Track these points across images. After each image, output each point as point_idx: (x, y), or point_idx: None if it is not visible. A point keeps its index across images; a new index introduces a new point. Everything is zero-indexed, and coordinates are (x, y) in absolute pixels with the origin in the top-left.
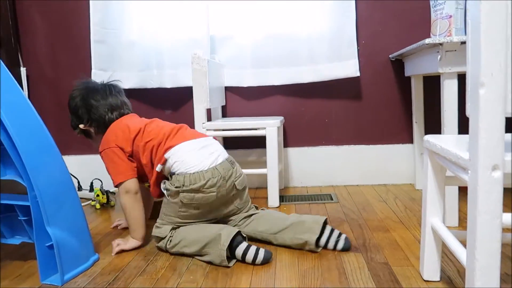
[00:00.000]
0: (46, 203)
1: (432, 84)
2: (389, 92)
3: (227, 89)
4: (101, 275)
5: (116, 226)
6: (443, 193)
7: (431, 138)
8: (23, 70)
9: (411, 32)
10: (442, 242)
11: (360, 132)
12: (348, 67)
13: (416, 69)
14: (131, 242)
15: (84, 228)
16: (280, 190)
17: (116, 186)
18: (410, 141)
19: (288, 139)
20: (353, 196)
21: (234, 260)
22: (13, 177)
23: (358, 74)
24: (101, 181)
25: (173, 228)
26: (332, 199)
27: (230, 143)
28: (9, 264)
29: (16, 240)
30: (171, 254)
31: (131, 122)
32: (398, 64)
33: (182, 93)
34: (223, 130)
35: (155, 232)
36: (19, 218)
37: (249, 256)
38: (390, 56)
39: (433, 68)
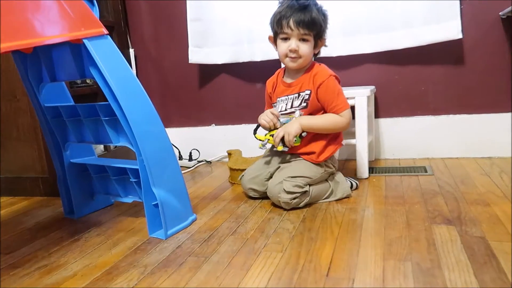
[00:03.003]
0: (151, 167)
1: None
2: (497, 54)
3: (316, 59)
4: (198, 232)
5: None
6: None
7: None
8: (131, 51)
9: None
10: None
11: (461, 101)
12: (449, 29)
13: None
14: (294, 123)
15: (183, 191)
16: (370, 162)
17: (338, 112)
18: None
19: (380, 110)
20: (451, 169)
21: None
22: (124, 143)
23: (460, 36)
24: (198, 151)
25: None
26: (426, 172)
27: None
28: (124, 219)
29: (129, 199)
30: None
31: None
32: (510, 22)
33: (272, 65)
34: None
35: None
36: (130, 180)
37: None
38: (500, 13)
39: None
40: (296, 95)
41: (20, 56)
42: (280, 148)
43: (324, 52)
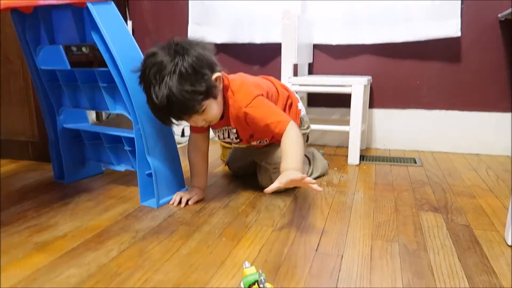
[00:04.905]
0: (147, 136)
1: None
2: (492, 55)
3: (315, 46)
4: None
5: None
6: None
7: None
8: (129, 23)
9: None
10: None
11: (454, 97)
12: (448, 26)
13: None
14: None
15: (177, 162)
16: (361, 151)
17: (282, 130)
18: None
19: (375, 100)
20: (440, 162)
21: None
22: (121, 111)
23: (459, 34)
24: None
25: None
26: (415, 163)
27: (314, 100)
28: (115, 187)
29: (121, 168)
30: None
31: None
32: (508, 25)
33: (271, 49)
34: (309, 85)
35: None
36: (125, 148)
37: None
38: (499, 15)
39: None
40: (226, 127)
41: (19, 16)
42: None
43: (323, 39)
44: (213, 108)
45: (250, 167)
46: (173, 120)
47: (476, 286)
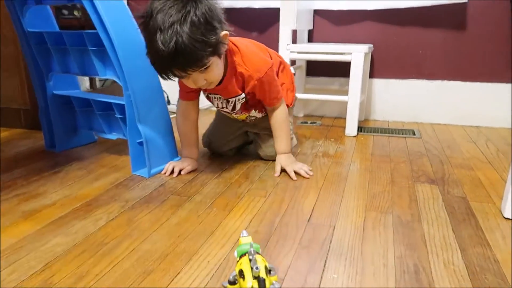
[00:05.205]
0: (138, 103)
1: None
2: (500, 24)
3: (316, 12)
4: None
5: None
6: None
7: None
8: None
9: None
10: None
11: (457, 67)
12: None
13: None
14: (289, 157)
15: (169, 131)
16: (360, 122)
17: (275, 104)
18: None
19: (375, 70)
20: (439, 134)
21: None
22: (111, 76)
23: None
24: None
25: None
26: (414, 135)
27: (313, 69)
28: (107, 156)
29: (113, 136)
30: None
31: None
32: None
33: (269, 15)
34: (308, 53)
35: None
36: (116, 116)
37: None
38: None
39: None
40: (231, 98)
41: None
42: None
43: (324, 4)
44: (218, 68)
45: (232, 144)
46: (175, 72)
47: (469, 258)
